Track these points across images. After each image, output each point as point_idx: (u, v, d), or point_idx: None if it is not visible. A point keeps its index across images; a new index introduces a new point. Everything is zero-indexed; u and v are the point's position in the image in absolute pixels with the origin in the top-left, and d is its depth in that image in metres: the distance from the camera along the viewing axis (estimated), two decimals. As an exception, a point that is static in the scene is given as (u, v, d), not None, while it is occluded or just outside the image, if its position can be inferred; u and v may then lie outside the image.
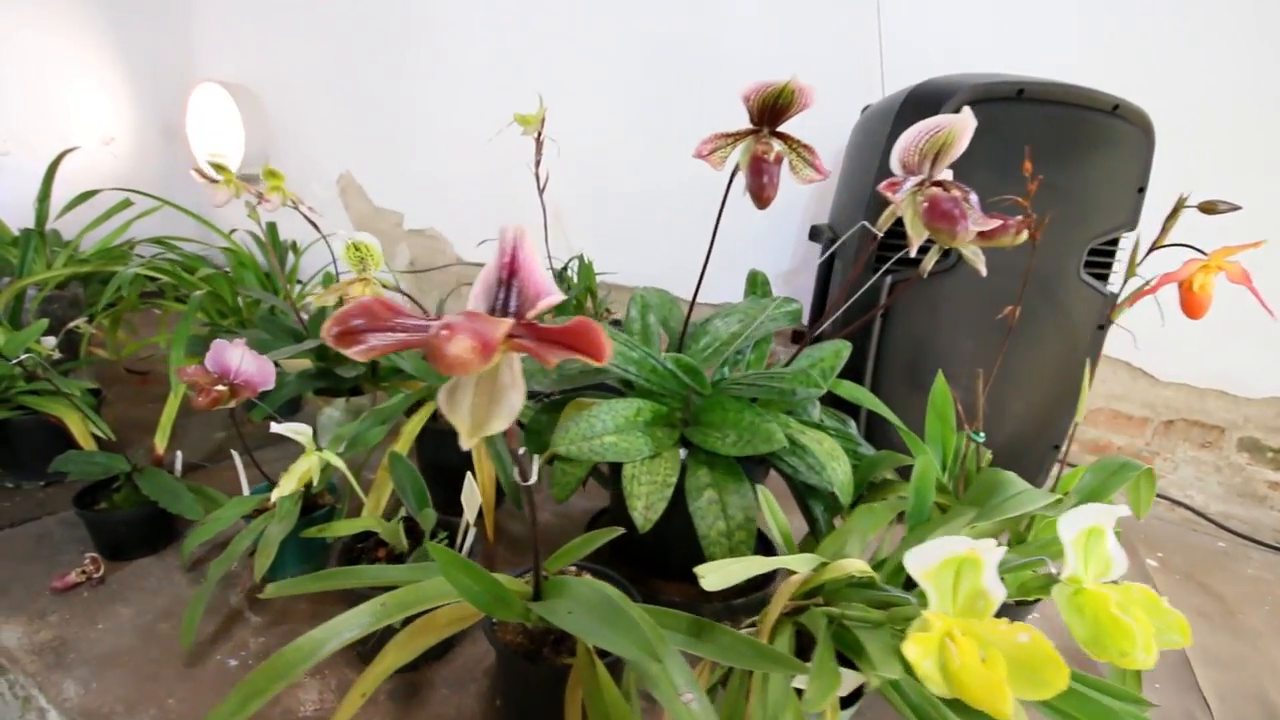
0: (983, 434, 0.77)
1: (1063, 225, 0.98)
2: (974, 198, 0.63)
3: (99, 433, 0.99)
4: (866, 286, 0.96)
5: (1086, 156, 1.01)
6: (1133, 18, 1.19)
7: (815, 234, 1.26)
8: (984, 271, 0.68)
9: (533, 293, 0.39)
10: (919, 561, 0.42)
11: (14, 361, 0.79)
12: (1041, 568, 0.50)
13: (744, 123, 0.69)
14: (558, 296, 0.38)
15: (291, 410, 1.33)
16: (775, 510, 0.64)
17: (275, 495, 0.67)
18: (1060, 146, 0.99)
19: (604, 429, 0.74)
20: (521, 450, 0.45)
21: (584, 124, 1.73)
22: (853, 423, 0.92)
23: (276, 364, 1.16)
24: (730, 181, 0.78)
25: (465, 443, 0.34)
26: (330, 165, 2.38)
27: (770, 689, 0.51)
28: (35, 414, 0.99)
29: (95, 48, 2.25)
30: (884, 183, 0.62)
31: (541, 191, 1.32)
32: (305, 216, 1.06)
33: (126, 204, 1.35)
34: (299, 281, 1.52)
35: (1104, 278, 1.11)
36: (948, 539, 0.42)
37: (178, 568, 0.87)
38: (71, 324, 1.04)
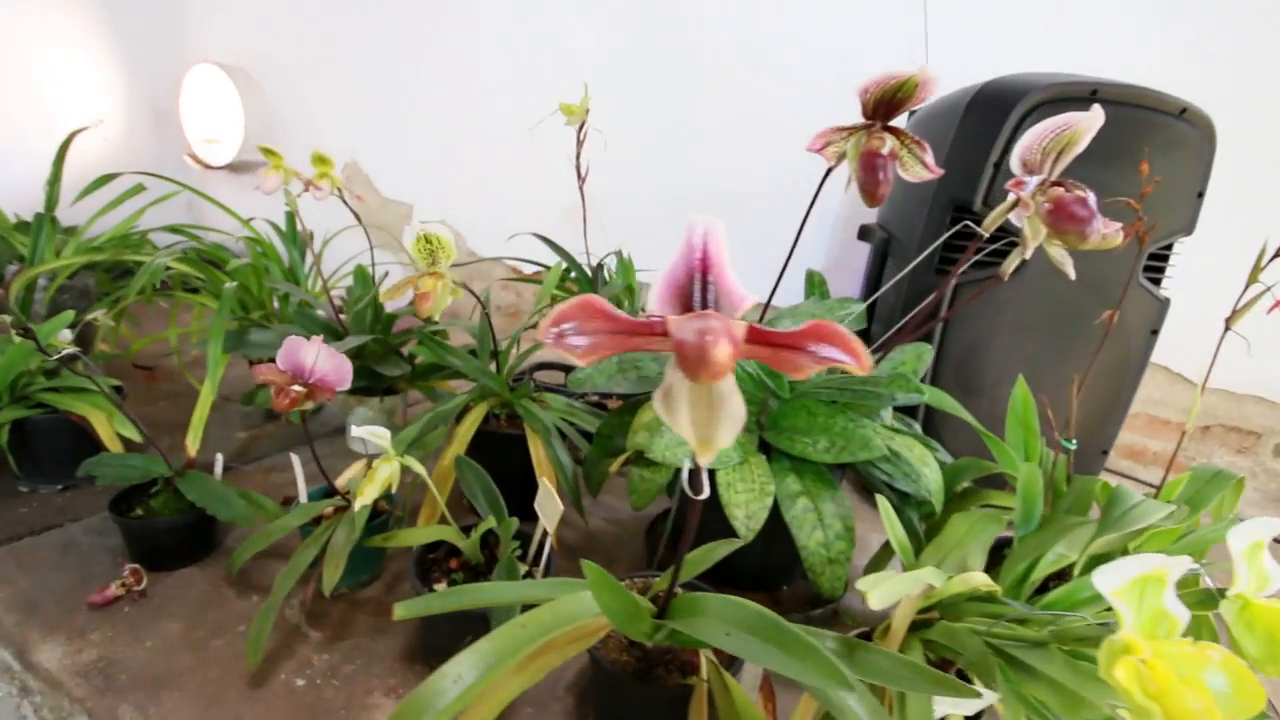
0: (1074, 441, 0.76)
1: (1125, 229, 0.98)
2: (1093, 199, 0.62)
3: (126, 433, 0.93)
4: (946, 288, 0.94)
5: (1155, 161, 1.01)
6: (1171, 17, 1.19)
7: (865, 234, 1.24)
8: (1072, 274, 0.67)
9: (732, 293, 0.36)
10: (1112, 579, 0.40)
11: (57, 357, 0.74)
12: (1198, 582, 0.49)
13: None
14: (754, 298, 0.36)
15: (314, 409, 1.28)
16: (893, 521, 0.62)
17: (359, 503, 0.63)
18: (1126, 149, 0.99)
19: (695, 434, 0.71)
20: (688, 465, 0.42)
21: (603, 113, 1.69)
22: (917, 426, 0.90)
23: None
24: (825, 177, 0.76)
25: (701, 458, 0.31)
26: (334, 153, 2.29)
27: (910, 712, 0.49)
28: (55, 413, 0.93)
29: (83, 24, 2.15)
30: (1011, 181, 0.60)
31: (582, 184, 1.28)
32: (349, 207, 1.01)
33: (139, 189, 1.28)
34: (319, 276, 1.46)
35: (1158, 282, 1.11)
36: (1141, 556, 0.40)
37: (223, 578, 0.82)
38: (90, 316, 0.98)
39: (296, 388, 0.63)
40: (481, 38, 1.89)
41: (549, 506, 0.73)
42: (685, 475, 0.41)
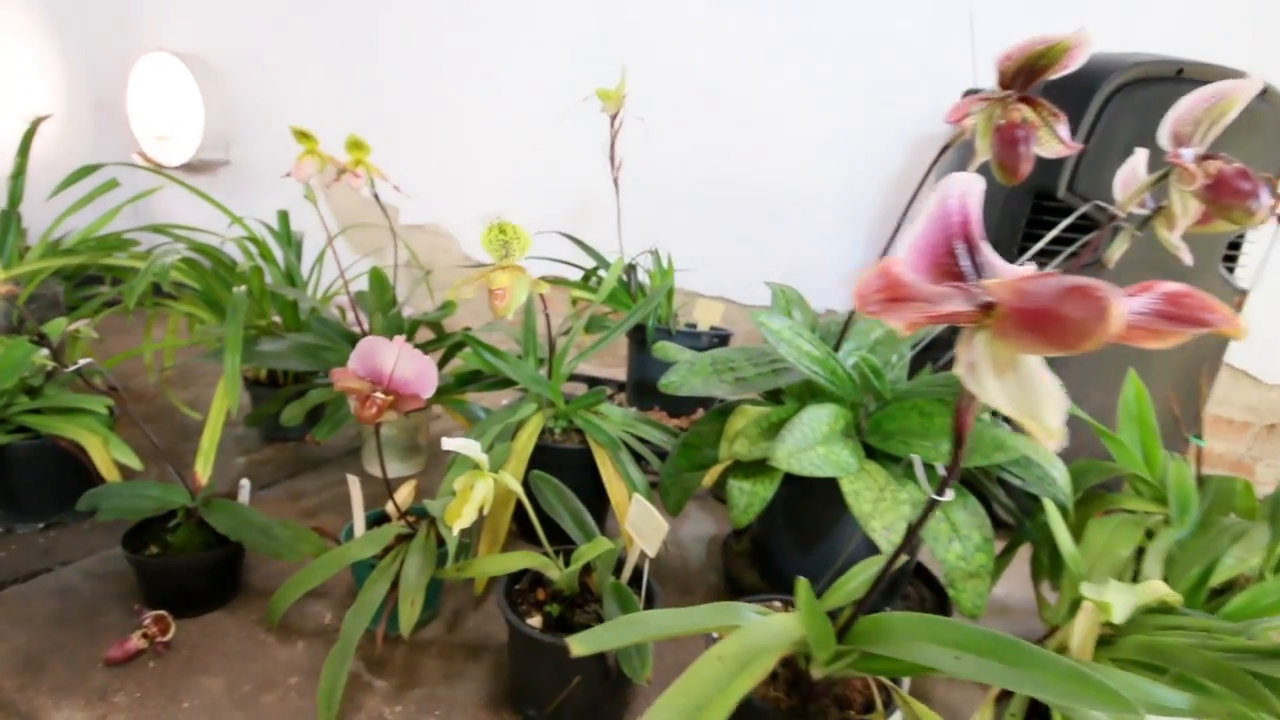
0: (1205, 440, 0.76)
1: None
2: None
3: (125, 460, 0.86)
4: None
5: (1230, 142, 1.03)
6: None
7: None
8: (1188, 259, 0.67)
9: (995, 260, 0.34)
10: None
11: (73, 368, 0.67)
12: None
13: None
14: (1019, 267, 0.34)
15: (310, 423, 1.21)
16: (1062, 531, 0.60)
17: (456, 527, 0.58)
18: (1207, 133, 1.01)
19: (813, 438, 0.69)
20: (920, 463, 0.39)
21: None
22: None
23: (324, 374, 1.05)
24: (941, 154, 0.75)
25: (1050, 442, 0.29)
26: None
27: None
28: (38, 438, 0.85)
29: (12, 2, 2.04)
30: (1170, 154, 0.60)
31: (616, 175, 1.25)
32: (380, 204, 0.96)
33: (113, 185, 1.20)
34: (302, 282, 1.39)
35: (1232, 270, 1.14)
36: None
37: (257, 623, 0.75)
38: (72, 326, 0.91)
39: (380, 395, 0.58)
40: (478, 26, 1.86)
41: (649, 526, 0.69)
42: (919, 468, 0.38)
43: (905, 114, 1.51)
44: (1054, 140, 0.65)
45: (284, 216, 1.32)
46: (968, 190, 0.36)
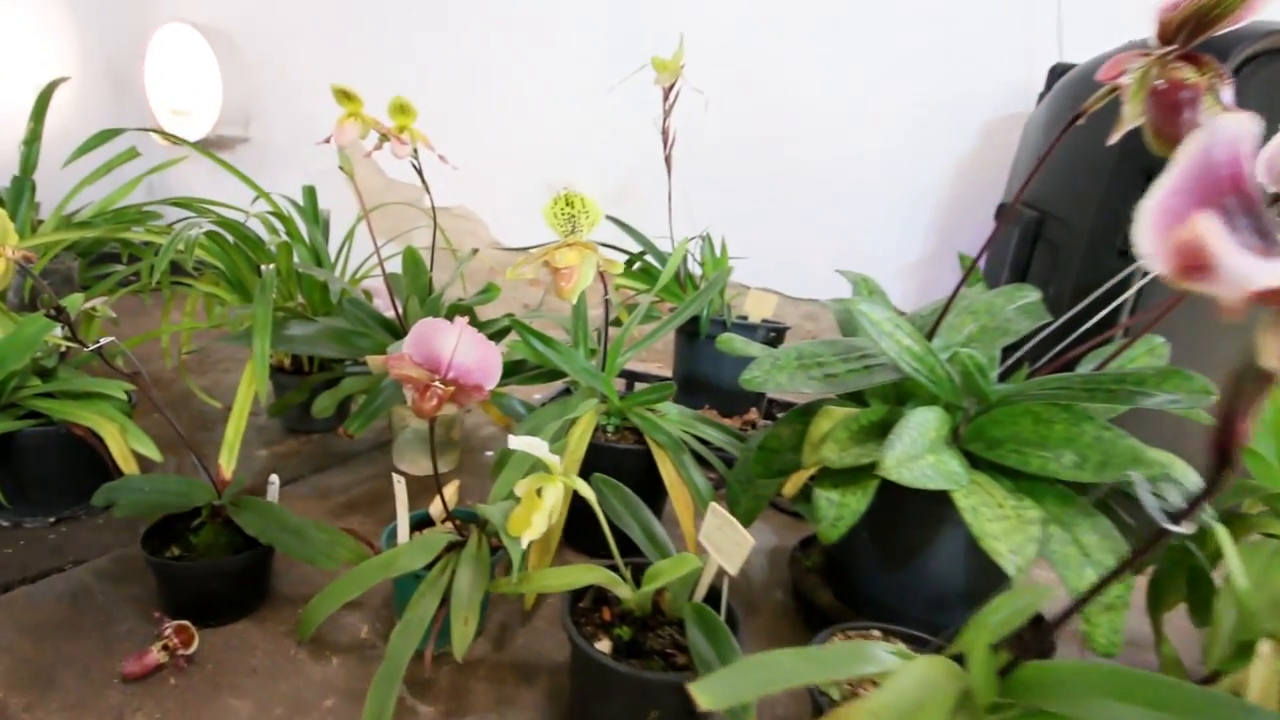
0: (1362, 453, 0.68)
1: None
2: None
3: (144, 450, 0.81)
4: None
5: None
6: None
7: (1007, 215, 1.16)
8: None
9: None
10: None
11: (94, 346, 0.62)
12: None
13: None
14: None
15: (339, 417, 1.15)
16: (1235, 559, 0.53)
17: (526, 537, 0.52)
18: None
19: (922, 445, 0.62)
20: (1146, 490, 0.33)
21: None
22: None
23: (355, 361, 1.00)
24: (1074, 121, 0.67)
25: None
26: (329, 127, 2.18)
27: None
28: (50, 424, 0.80)
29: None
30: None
31: (669, 155, 1.19)
32: (422, 178, 0.91)
33: (132, 154, 1.16)
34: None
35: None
36: None
37: (287, 635, 0.70)
38: (88, 304, 0.86)
39: (439, 385, 0.52)
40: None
41: (729, 540, 0.62)
42: (1147, 498, 0.32)
43: (980, 91, 1.43)
44: (1218, 106, 0.58)
45: (310, 192, 1.27)
46: (1239, 135, 0.28)
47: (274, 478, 0.76)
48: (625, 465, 0.86)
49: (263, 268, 0.89)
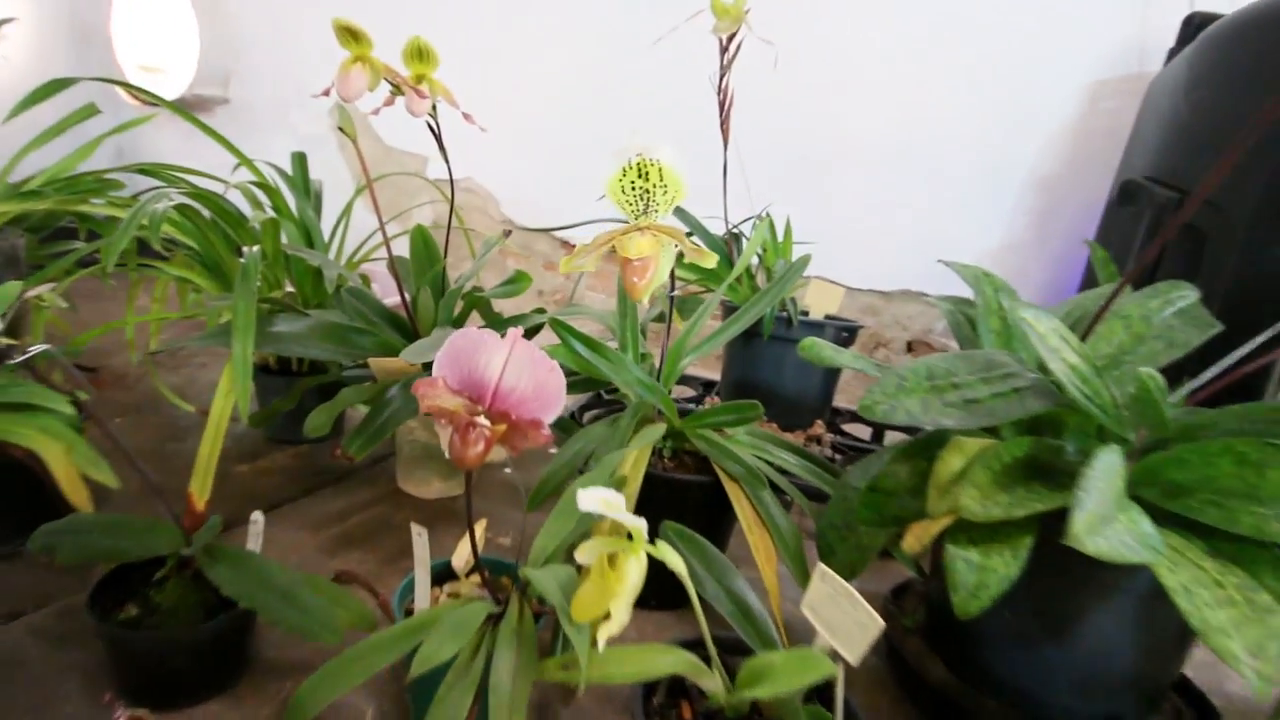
0: None
1: None
2: None
3: (98, 477, 0.69)
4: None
5: None
6: None
7: (1130, 195, 1.04)
8: None
9: None
10: None
11: (19, 358, 0.50)
12: None
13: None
14: None
15: (335, 430, 1.04)
16: None
17: (604, 632, 0.41)
18: None
19: (1112, 501, 0.50)
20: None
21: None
22: None
23: (355, 364, 0.88)
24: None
25: None
26: (320, 87, 2.06)
27: None
28: (-18, 443, 0.69)
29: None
30: None
31: (725, 121, 1.06)
32: (440, 143, 0.79)
33: (92, 111, 1.04)
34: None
35: None
36: None
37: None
38: (32, 292, 0.75)
39: (484, 421, 0.41)
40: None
41: (846, 618, 0.51)
42: None
43: (1082, 47, 1.29)
44: None
45: (300, 159, 1.15)
46: None
47: (256, 518, 0.64)
48: (686, 501, 0.75)
49: (244, 250, 0.77)
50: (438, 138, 0.83)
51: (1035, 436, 0.61)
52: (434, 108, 0.78)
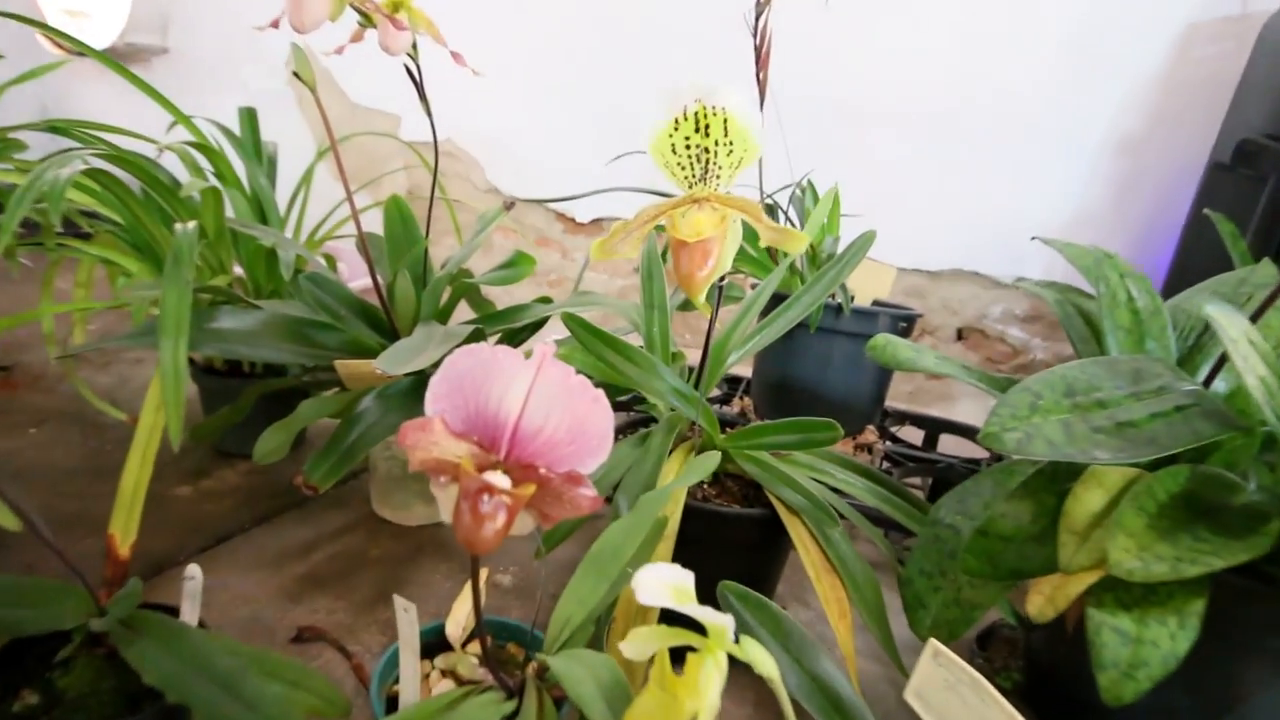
0: None
1: None
2: None
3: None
4: None
5: None
6: None
7: (1251, 158, 0.94)
8: None
9: None
10: None
11: None
12: None
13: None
14: None
15: (297, 446, 0.93)
16: None
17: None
18: None
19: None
20: None
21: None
22: None
23: (319, 367, 0.78)
24: None
25: None
26: (275, 39, 1.92)
27: None
28: None
29: None
30: None
31: (763, 69, 0.95)
32: (422, 94, 0.68)
33: (-10, 56, 0.92)
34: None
35: None
36: None
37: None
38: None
39: (499, 481, 0.30)
40: None
41: (971, 714, 0.42)
42: None
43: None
44: None
45: (249, 116, 1.04)
46: None
47: (192, 572, 0.54)
48: (731, 539, 0.65)
49: (177, 226, 0.66)
50: (418, 85, 0.72)
51: (1191, 465, 0.52)
52: (414, 46, 0.67)
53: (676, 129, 0.43)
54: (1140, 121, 1.24)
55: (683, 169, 0.44)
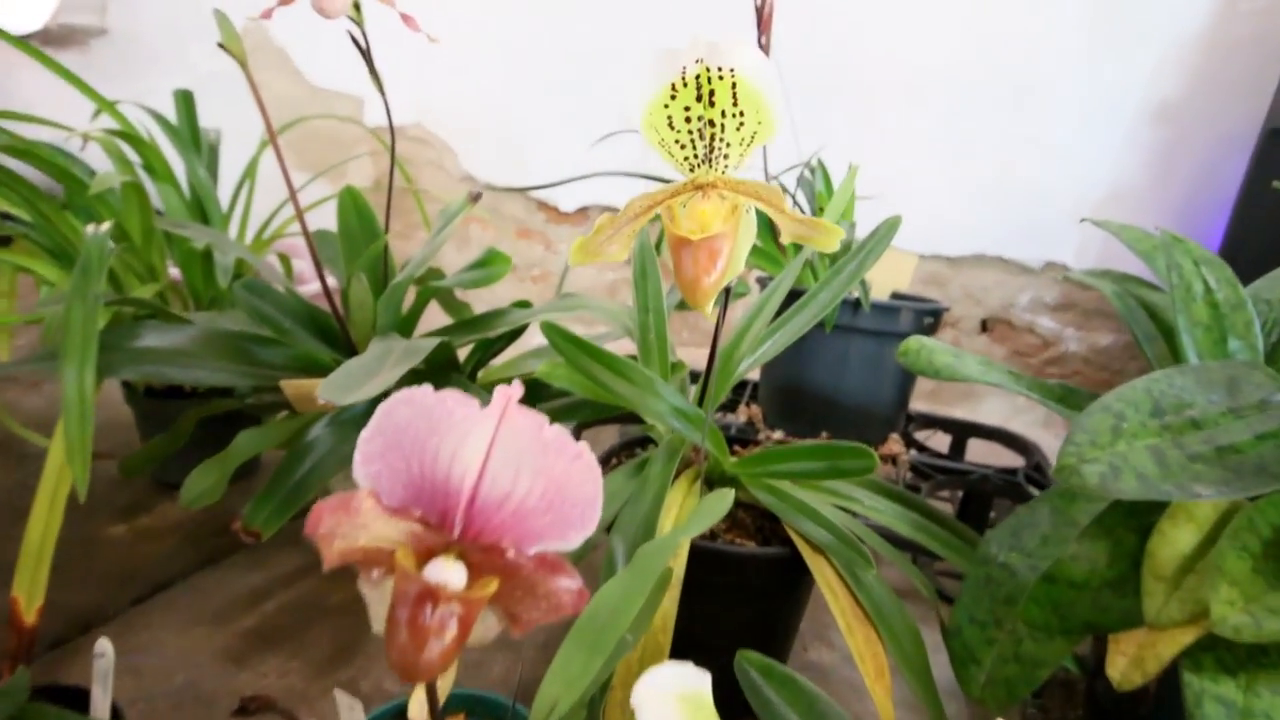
0: None
1: None
2: None
3: None
4: None
5: None
6: None
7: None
8: None
9: None
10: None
11: None
12: None
13: None
14: None
15: (242, 481, 0.86)
16: None
17: None
18: None
19: None
20: None
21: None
22: None
23: (265, 387, 0.71)
24: None
25: None
26: (226, 12, 1.84)
27: None
28: None
29: None
30: None
31: (764, 27, 0.88)
32: (366, 56, 0.61)
33: None
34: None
35: None
36: None
37: None
38: None
39: (450, 578, 0.24)
40: None
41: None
42: None
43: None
44: None
45: (185, 100, 0.97)
46: None
47: (102, 649, 0.47)
48: (746, 585, 0.59)
49: (88, 230, 0.59)
50: (365, 54, 0.65)
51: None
52: (356, 7, 0.60)
53: (674, 98, 0.36)
54: (1179, 85, 1.17)
55: (682, 147, 0.38)
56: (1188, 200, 1.20)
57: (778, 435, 0.97)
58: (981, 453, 1.12)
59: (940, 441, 1.13)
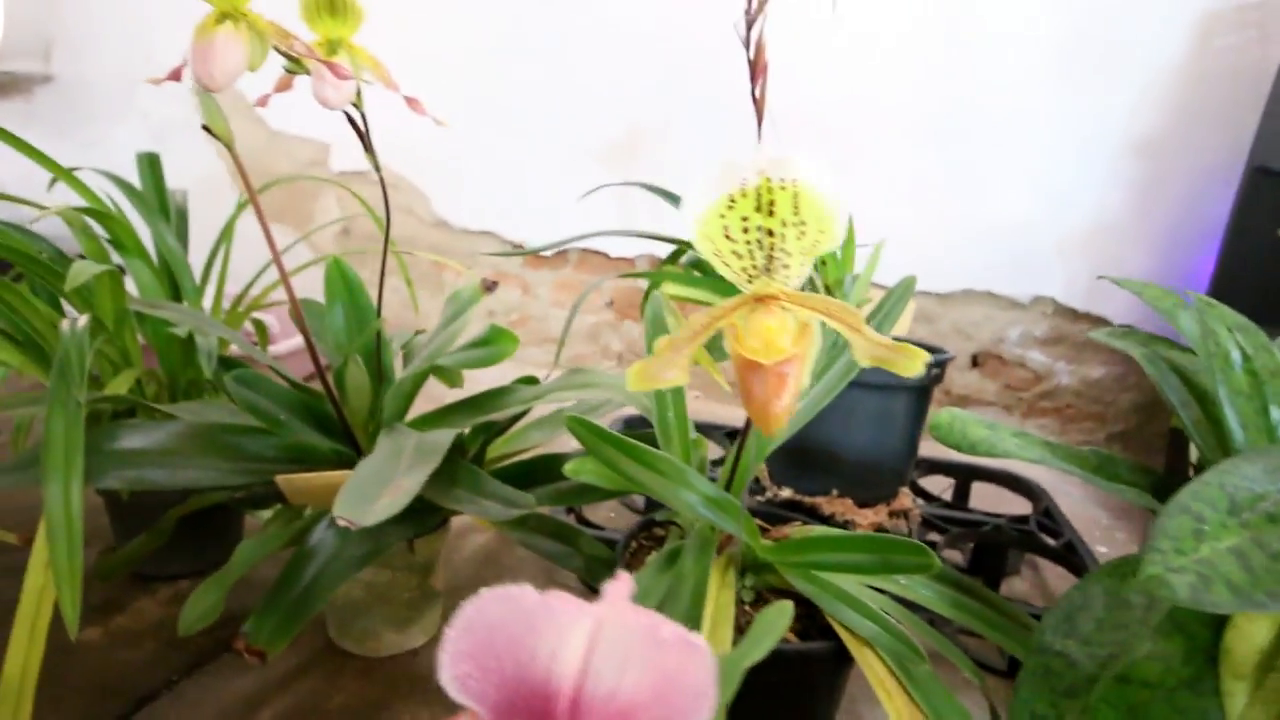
0: None
1: None
2: None
3: None
4: None
5: None
6: None
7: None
8: None
9: None
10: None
11: None
12: None
13: None
14: None
15: (216, 549, 0.81)
16: None
17: None
18: None
19: None
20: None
21: None
22: None
23: (259, 483, 0.67)
24: None
25: None
26: (179, 56, 1.80)
27: None
28: None
29: None
30: None
31: (759, 80, 0.88)
32: (361, 134, 0.58)
33: None
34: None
35: None
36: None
37: None
38: None
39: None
40: None
41: None
42: None
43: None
44: None
45: (150, 164, 0.93)
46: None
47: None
48: (786, 682, 0.57)
49: (64, 326, 0.56)
50: (363, 136, 0.62)
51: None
52: (358, 93, 0.57)
53: (732, 207, 0.35)
54: (1159, 119, 1.20)
55: (739, 258, 0.36)
56: (1171, 233, 1.23)
57: (786, 493, 0.95)
58: (986, 496, 1.12)
59: (937, 483, 1.13)
